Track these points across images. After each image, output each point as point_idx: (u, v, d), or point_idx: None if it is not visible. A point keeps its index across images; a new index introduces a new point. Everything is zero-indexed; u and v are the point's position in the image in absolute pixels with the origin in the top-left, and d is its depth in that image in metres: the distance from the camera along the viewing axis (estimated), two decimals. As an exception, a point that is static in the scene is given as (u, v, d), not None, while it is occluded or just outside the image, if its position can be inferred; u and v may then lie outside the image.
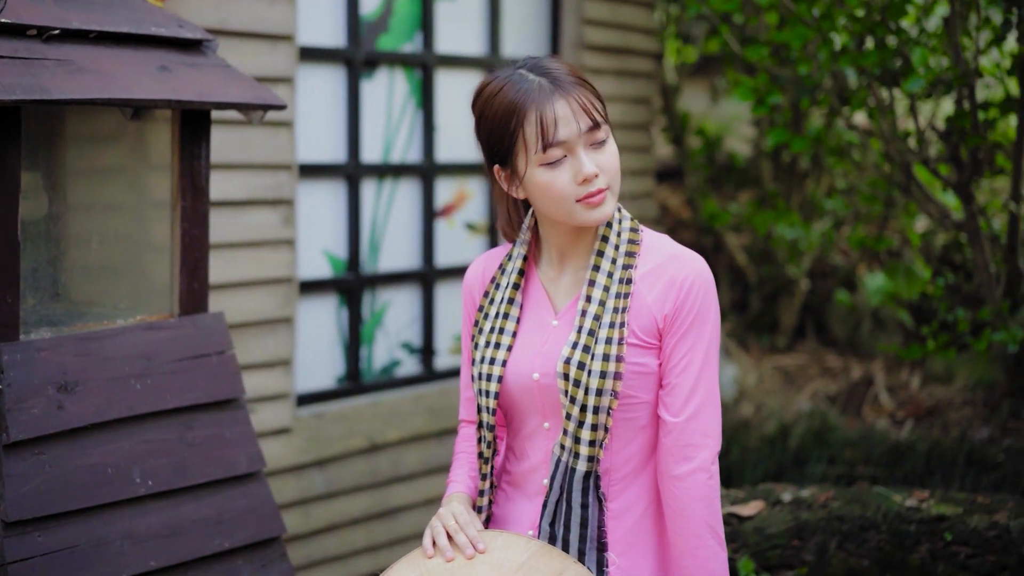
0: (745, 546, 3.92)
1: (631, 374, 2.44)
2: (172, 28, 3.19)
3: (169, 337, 3.20)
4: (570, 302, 2.52)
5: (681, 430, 2.44)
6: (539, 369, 2.48)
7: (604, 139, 2.42)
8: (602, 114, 2.42)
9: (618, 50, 6.09)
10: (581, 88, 2.42)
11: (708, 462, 2.44)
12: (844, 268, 6.84)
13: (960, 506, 3.95)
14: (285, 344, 4.73)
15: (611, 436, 2.47)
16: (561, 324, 2.51)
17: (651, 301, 2.45)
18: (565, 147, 2.39)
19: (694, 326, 2.44)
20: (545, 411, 2.51)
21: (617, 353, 2.40)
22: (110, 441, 3.04)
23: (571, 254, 2.54)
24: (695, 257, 2.49)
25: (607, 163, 2.41)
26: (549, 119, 2.37)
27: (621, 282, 2.46)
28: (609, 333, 2.41)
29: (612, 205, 2.43)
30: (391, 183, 5.27)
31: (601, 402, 2.41)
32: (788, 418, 6.00)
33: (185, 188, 3.24)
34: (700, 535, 2.44)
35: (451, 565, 2.42)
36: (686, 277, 2.44)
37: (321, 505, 4.89)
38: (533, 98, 2.39)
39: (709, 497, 2.44)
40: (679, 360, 2.44)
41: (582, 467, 2.45)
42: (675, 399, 2.44)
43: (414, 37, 5.31)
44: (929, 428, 5.83)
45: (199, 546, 3.17)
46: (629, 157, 6.22)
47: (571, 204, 2.40)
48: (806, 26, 4.90)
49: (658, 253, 2.49)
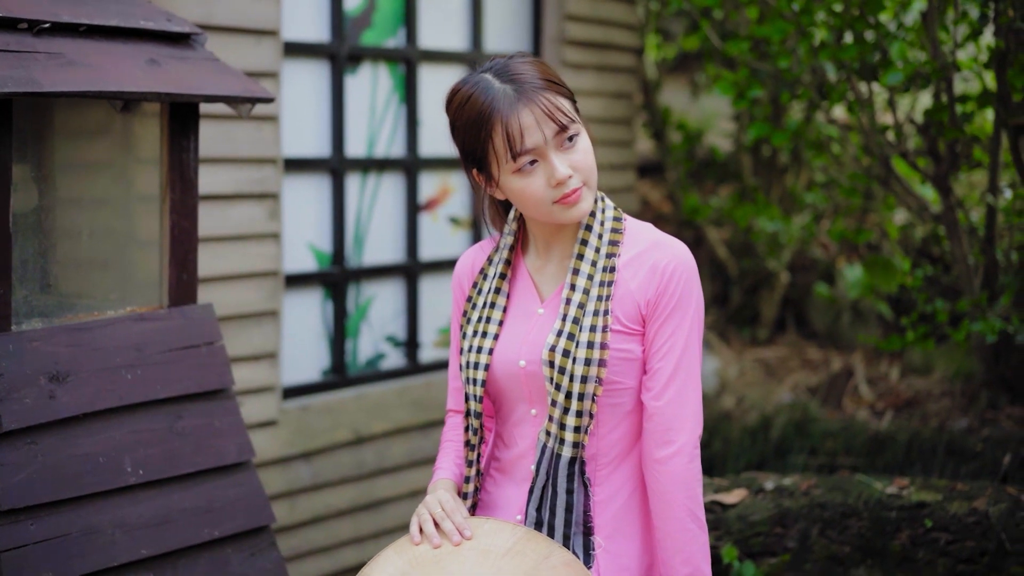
0: (728, 533, 3.97)
1: (615, 360, 2.48)
2: (161, 22, 3.22)
3: (159, 328, 3.23)
4: (556, 290, 2.56)
5: (662, 414, 2.48)
6: (525, 356, 2.52)
7: (575, 138, 2.45)
8: (569, 115, 2.45)
9: (599, 45, 6.13)
10: (546, 92, 2.44)
11: (689, 446, 2.49)
12: (824, 261, 6.90)
13: (940, 493, 4.00)
14: (271, 337, 4.76)
15: (596, 422, 2.52)
16: (547, 312, 2.55)
17: (634, 288, 2.49)
18: (535, 153, 2.42)
19: (676, 311, 2.48)
20: (532, 398, 2.55)
21: (601, 340, 2.45)
22: (101, 431, 3.07)
23: (556, 243, 2.58)
24: (677, 244, 2.53)
25: (580, 161, 2.45)
26: (515, 130, 2.40)
27: (605, 270, 2.50)
28: (593, 321, 2.46)
29: (590, 200, 2.48)
30: (375, 177, 5.31)
31: (586, 389, 2.45)
32: (769, 410, 6.06)
33: (174, 181, 3.27)
34: (680, 518, 2.48)
35: (438, 552, 2.45)
36: (668, 263, 2.49)
37: (307, 497, 4.92)
38: (498, 108, 2.41)
39: (689, 481, 2.48)
40: (661, 345, 2.49)
41: (567, 453, 2.49)
42: (656, 383, 2.49)
43: (397, 32, 5.35)
44: (909, 419, 5.89)
45: (189, 535, 3.20)
46: (610, 151, 6.26)
47: (548, 206, 2.45)
48: (786, 20, 4.95)
49: (641, 240, 2.54)
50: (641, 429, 2.54)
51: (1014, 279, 5.10)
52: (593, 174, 2.48)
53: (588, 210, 2.47)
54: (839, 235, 5.66)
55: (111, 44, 3.09)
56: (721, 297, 7.17)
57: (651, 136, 7.10)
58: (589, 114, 6.06)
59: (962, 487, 4.03)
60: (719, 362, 6.57)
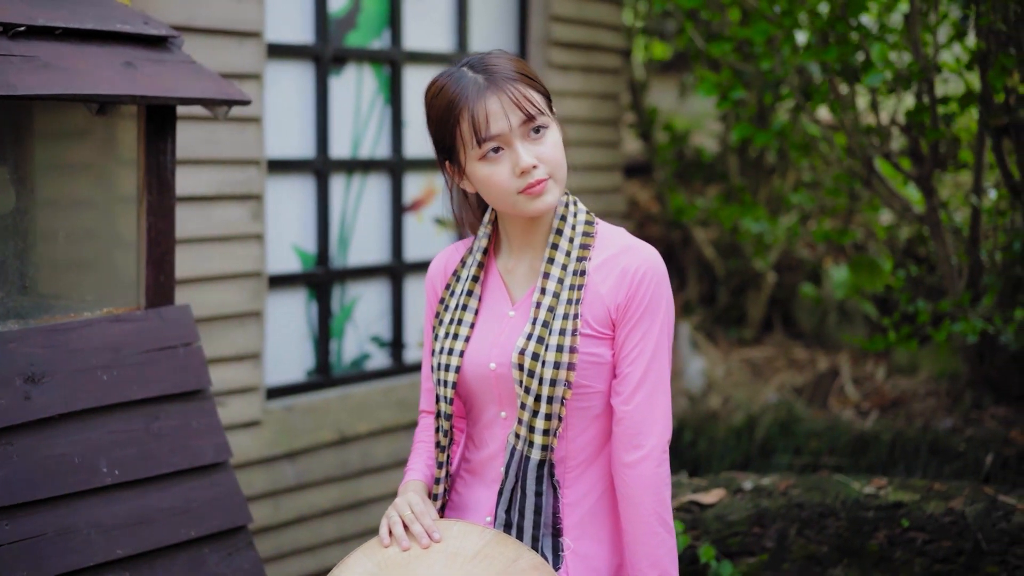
0: (706, 533, 3.99)
1: (585, 364, 2.49)
2: (138, 25, 3.24)
3: (135, 329, 3.25)
4: (526, 293, 2.58)
5: (631, 418, 2.50)
6: (496, 359, 2.54)
7: (543, 131, 2.47)
8: (538, 107, 2.47)
9: (585, 47, 6.15)
10: (517, 83, 2.47)
11: (657, 450, 2.50)
12: (811, 261, 6.92)
13: (917, 493, 4.02)
14: (254, 337, 4.78)
15: (565, 425, 2.53)
16: (518, 315, 2.57)
17: (604, 292, 2.50)
18: (500, 140, 2.45)
19: (645, 316, 2.49)
20: (502, 400, 2.57)
21: (571, 344, 2.46)
22: (77, 431, 3.08)
23: (528, 245, 2.60)
24: (648, 249, 2.54)
25: (547, 154, 2.47)
26: (480, 116, 2.43)
27: (575, 274, 2.51)
28: (563, 324, 2.47)
29: (555, 194, 2.49)
30: (360, 178, 5.32)
31: (555, 392, 2.46)
32: (755, 410, 6.07)
33: (151, 183, 3.28)
34: (648, 523, 2.50)
35: (406, 555, 2.47)
36: (638, 268, 2.50)
37: (291, 497, 4.94)
38: (466, 96, 2.45)
39: (657, 485, 2.50)
40: (630, 350, 2.50)
41: (536, 456, 2.51)
42: (625, 388, 2.50)
43: (382, 34, 5.36)
44: (893, 419, 5.91)
45: (166, 535, 3.21)
46: (596, 152, 6.28)
47: (513, 196, 2.47)
48: (769, 22, 4.97)
49: (612, 245, 2.55)
50: (611, 432, 2.56)
51: (997, 279, 5.12)
52: (561, 169, 2.49)
53: (553, 203, 2.48)
54: (823, 236, 5.68)
55: (87, 47, 3.11)
56: (708, 297, 7.19)
57: (638, 137, 7.12)
58: (575, 115, 6.08)
59: (939, 487, 4.05)
60: (706, 362, 6.58)
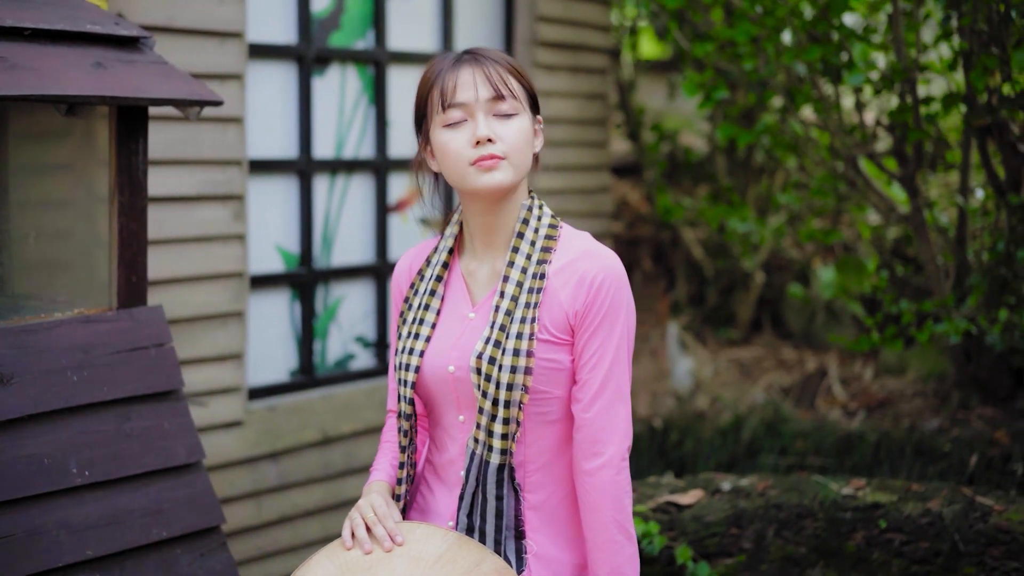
0: (684, 534, 3.98)
1: (543, 370, 2.48)
2: (108, 25, 3.24)
3: (107, 330, 3.25)
4: (487, 295, 2.58)
5: (590, 426, 2.49)
6: (455, 362, 2.53)
7: (511, 114, 2.49)
8: (511, 91, 2.49)
9: (572, 47, 6.14)
10: (498, 65, 2.51)
11: (616, 458, 2.49)
12: (799, 261, 6.91)
13: (895, 494, 4.02)
14: (236, 338, 4.78)
15: (524, 430, 2.52)
16: (477, 316, 2.56)
17: (564, 298, 2.49)
18: (465, 110, 2.48)
19: (604, 323, 2.48)
20: (460, 404, 2.56)
21: (528, 348, 2.45)
22: (46, 432, 3.08)
23: (490, 247, 2.60)
24: (607, 255, 2.53)
25: (509, 135, 2.48)
26: (450, 83, 2.49)
27: (535, 277, 2.50)
28: (520, 328, 2.46)
29: (508, 177, 2.48)
30: (344, 178, 5.32)
31: (512, 396, 2.45)
32: (742, 410, 6.07)
33: (122, 183, 3.28)
34: (607, 530, 2.49)
35: (369, 558, 2.47)
36: (596, 275, 2.49)
37: (274, 497, 4.94)
38: (444, 67, 2.51)
39: (616, 493, 2.49)
40: (589, 357, 2.49)
41: (495, 460, 2.50)
42: (584, 395, 2.49)
43: (366, 34, 5.36)
44: (880, 419, 5.90)
45: (137, 536, 3.20)
46: (583, 152, 6.28)
47: (465, 167, 2.48)
48: (751, 22, 4.96)
49: (573, 249, 2.54)
50: (571, 436, 2.55)
51: (982, 280, 5.12)
52: (519, 155, 2.49)
53: (503, 184, 2.48)
54: (808, 236, 5.68)
55: (56, 48, 3.10)
56: (697, 297, 7.19)
57: (627, 137, 7.12)
58: (562, 115, 6.08)
59: (917, 488, 4.05)
60: (694, 362, 6.58)
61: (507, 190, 2.50)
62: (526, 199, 2.59)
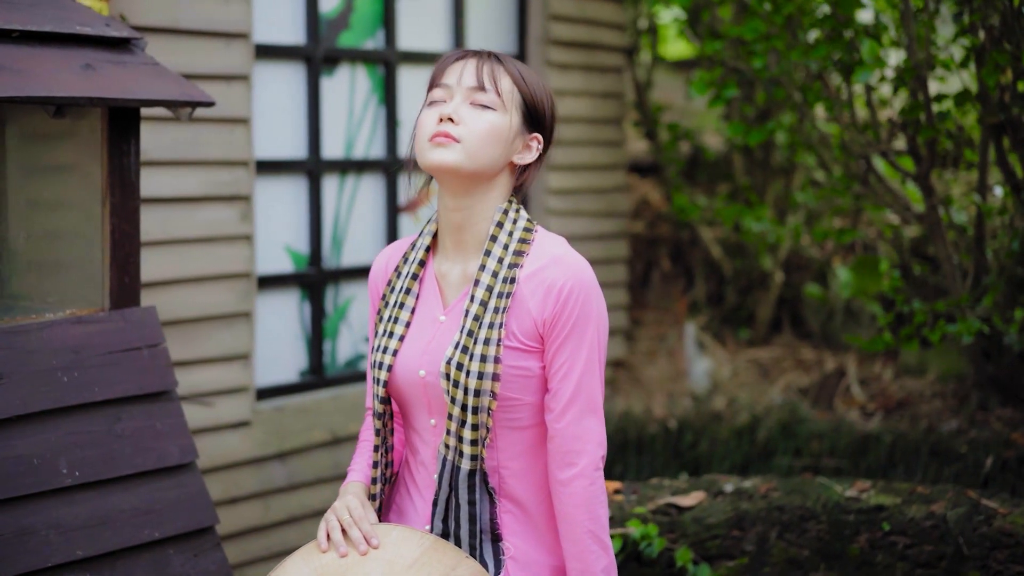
0: (684, 536, 3.95)
1: (511, 377, 2.46)
2: (98, 27, 3.24)
3: (98, 331, 3.25)
4: (458, 297, 2.56)
5: (562, 436, 2.47)
6: (425, 367, 2.52)
7: (487, 106, 2.49)
8: (496, 88, 2.49)
9: (586, 45, 6.12)
10: (496, 66, 2.52)
11: (590, 468, 2.47)
12: (819, 261, 6.86)
13: (899, 496, 3.97)
14: (243, 338, 4.78)
15: (494, 435, 2.50)
16: (448, 320, 2.54)
17: (532, 305, 2.46)
18: (445, 92, 2.51)
19: (573, 333, 2.45)
20: (431, 408, 2.55)
21: (495, 355, 2.42)
22: (36, 433, 3.08)
23: (460, 249, 2.58)
24: (577, 262, 2.49)
25: (473, 122, 2.47)
26: (443, 67, 2.53)
27: (505, 281, 2.47)
28: (488, 334, 2.44)
29: (454, 157, 2.46)
30: (354, 179, 5.32)
31: (480, 402, 2.43)
32: (759, 411, 6.02)
33: (114, 184, 3.28)
34: (581, 539, 2.47)
35: (343, 561, 2.46)
36: (564, 284, 2.45)
37: (282, 497, 4.94)
38: (449, 56, 2.56)
39: (590, 503, 2.47)
40: (559, 367, 2.46)
41: (466, 465, 2.48)
42: (556, 405, 2.47)
43: (376, 34, 5.36)
44: (898, 420, 5.84)
45: (128, 536, 3.21)
46: (599, 151, 6.25)
47: (424, 141, 2.49)
48: (761, 19, 4.93)
49: (543, 254, 2.51)
50: (543, 440, 2.53)
51: (998, 279, 5.05)
52: (478, 145, 2.47)
53: (447, 164, 2.46)
54: (822, 235, 5.63)
55: (45, 50, 3.11)
56: (716, 297, 7.14)
57: (643, 135, 7.08)
58: (575, 114, 6.06)
59: (922, 490, 4.00)
60: (711, 363, 6.54)
61: (453, 173, 2.47)
62: (502, 203, 2.56)
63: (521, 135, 2.54)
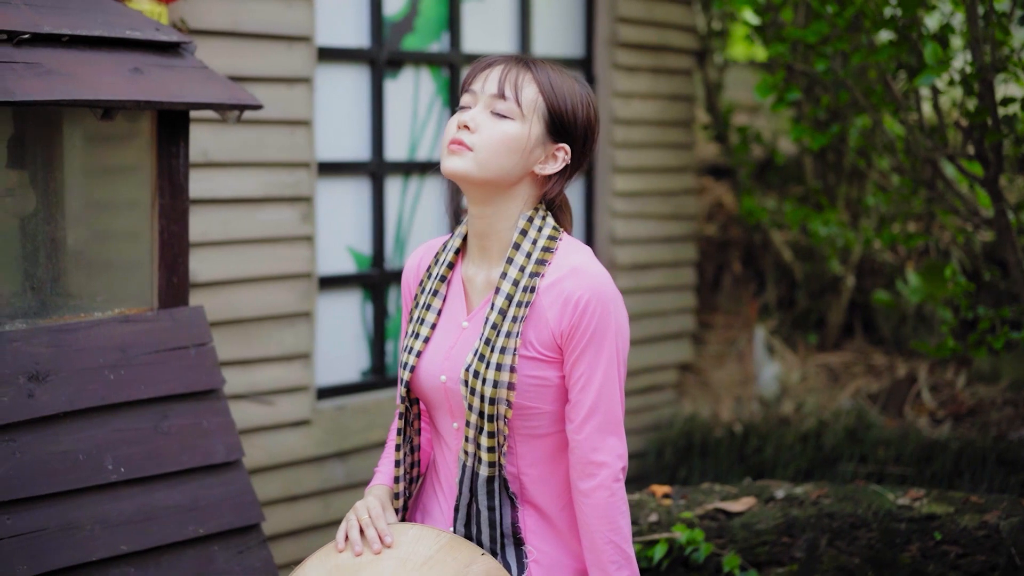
0: (732, 542, 3.93)
1: (528, 386, 2.46)
2: (148, 31, 3.30)
3: (145, 330, 3.31)
4: (481, 303, 2.57)
5: (581, 447, 2.47)
6: (446, 372, 2.53)
7: (505, 116, 2.48)
8: (516, 97, 2.48)
9: (654, 48, 6.10)
10: (524, 72, 2.51)
11: (609, 480, 2.47)
12: (891, 265, 6.77)
13: (952, 505, 3.91)
14: (304, 338, 4.84)
15: (512, 443, 2.51)
16: (471, 326, 2.55)
17: (551, 316, 2.46)
18: (471, 98, 2.51)
19: (591, 345, 2.44)
20: (454, 412, 2.56)
21: (511, 364, 2.43)
22: (81, 429, 3.15)
23: (484, 255, 2.59)
24: (596, 273, 2.48)
25: (489, 131, 2.47)
26: (472, 72, 2.54)
27: (524, 291, 2.47)
28: (504, 343, 2.44)
29: (464, 166, 2.47)
30: (417, 181, 5.36)
31: (496, 410, 2.44)
32: (827, 416, 5.96)
33: (163, 186, 3.35)
34: (603, 550, 2.47)
35: (357, 560, 2.48)
36: (581, 296, 2.44)
37: (341, 496, 4.99)
38: (485, 61, 2.56)
39: (611, 514, 2.47)
40: (578, 379, 2.46)
41: (485, 472, 2.49)
42: (576, 416, 2.47)
43: (441, 37, 5.39)
44: (968, 428, 5.76)
45: (172, 532, 3.26)
46: (667, 154, 6.23)
47: (444, 146, 2.52)
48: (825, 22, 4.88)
49: (563, 264, 2.49)
50: (563, 446, 2.54)
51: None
52: (490, 154, 2.47)
53: (457, 172, 2.49)
54: (889, 239, 5.55)
55: (93, 54, 3.18)
56: (786, 301, 7.08)
57: (711, 139, 7.04)
58: (642, 116, 6.04)
59: (976, 499, 3.94)
60: (781, 367, 6.49)
61: (464, 181, 2.50)
62: (527, 211, 2.56)
63: (543, 145, 2.52)
